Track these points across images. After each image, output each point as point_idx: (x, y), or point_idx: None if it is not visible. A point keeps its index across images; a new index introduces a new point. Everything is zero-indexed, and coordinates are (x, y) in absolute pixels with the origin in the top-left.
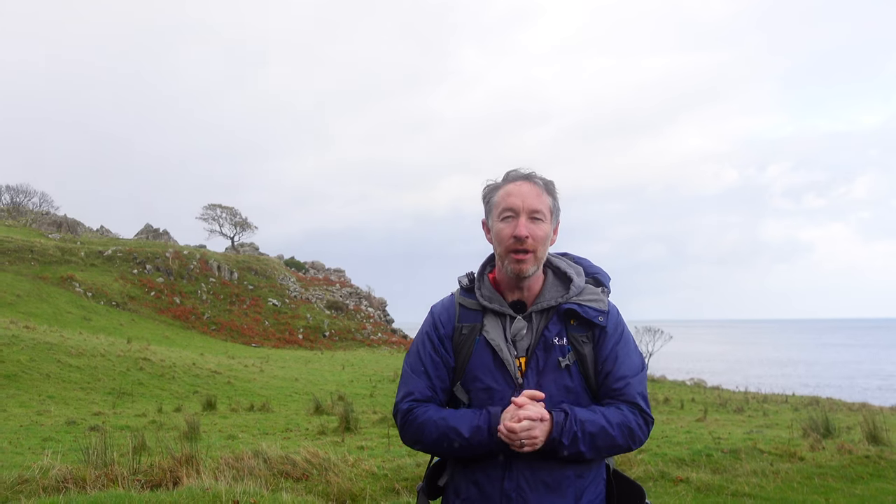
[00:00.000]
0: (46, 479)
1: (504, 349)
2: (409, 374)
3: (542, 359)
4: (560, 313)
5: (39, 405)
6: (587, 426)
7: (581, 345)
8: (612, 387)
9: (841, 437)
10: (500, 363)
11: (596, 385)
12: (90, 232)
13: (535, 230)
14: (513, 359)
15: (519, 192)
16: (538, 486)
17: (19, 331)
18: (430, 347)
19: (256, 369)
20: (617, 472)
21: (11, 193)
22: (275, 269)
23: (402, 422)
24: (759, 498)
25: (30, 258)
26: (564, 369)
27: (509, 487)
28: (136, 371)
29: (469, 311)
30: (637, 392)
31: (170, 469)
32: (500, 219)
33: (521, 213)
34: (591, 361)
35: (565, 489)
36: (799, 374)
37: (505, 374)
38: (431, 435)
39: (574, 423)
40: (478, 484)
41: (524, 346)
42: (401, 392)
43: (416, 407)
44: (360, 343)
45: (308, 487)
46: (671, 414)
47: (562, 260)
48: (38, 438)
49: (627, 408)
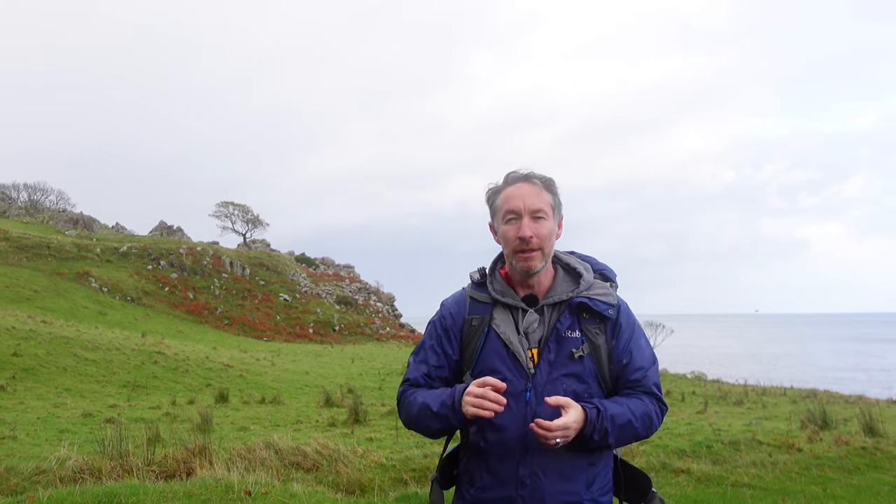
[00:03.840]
0: (63, 469)
1: (515, 341)
2: (413, 363)
3: (554, 350)
4: (572, 307)
5: (56, 398)
6: (617, 419)
7: (595, 336)
8: (631, 378)
9: (838, 429)
10: (511, 354)
11: (611, 376)
12: (106, 229)
13: (539, 229)
14: (524, 350)
15: (519, 193)
16: (552, 473)
17: (37, 325)
18: (434, 339)
19: (268, 363)
20: (623, 462)
21: (29, 191)
22: (286, 265)
23: (397, 403)
24: (759, 488)
25: (47, 254)
26: (578, 360)
27: (524, 474)
28: (151, 364)
29: (480, 303)
30: (653, 382)
31: (183, 460)
32: (505, 221)
33: (524, 214)
34: (606, 352)
35: (577, 476)
36: (797, 366)
37: (517, 364)
38: (413, 412)
39: (605, 419)
40: (492, 471)
41: (536, 339)
42: (403, 379)
43: (409, 391)
44: (368, 337)
45: (318, 478)
46: (672, 406)
47: (571, 257)
48: (55, 430)
49: (647, 398)
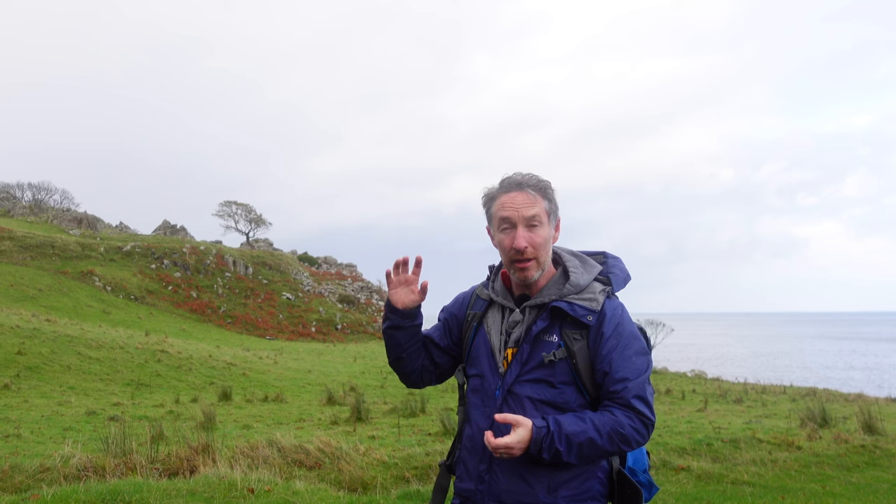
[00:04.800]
0: (67, 467)
1: (495, 338)
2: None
3: (527, 352)
4: (549, 310)
5: (60, 396)
6: (573, 439)
7: (573, 342)
8: (610, 389)
9: (837, 427)
10: (491, 352)
11: (593, 384)
12: (110, 228)
13: (534, 237)
14: (500, 349)
15: (513, 203)
16: (510, 472)
17: (41, 324)
18: (443, 319)
19: (271, 361)
20: (620, 472)
21: (33, 191)
22: (289, 264)
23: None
24: (758, 486)
25: (51, 253)
26: (548, 364)
27: (482, 469)
28: (154, 363)
29: (480, 300)
30: (634, 395)
31: (187, 458)
32: (500, 230)
33: (518, 224)
34: (584, 359)
35: (536, 480)
36: (796, 365)
37: (492, 362)
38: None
39: (559, 440)
40: (464, 464)
41: (515, 338)
42: None
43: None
44: (371, 336)
45: (321, 476)
46: (673, 404)
47: (572, 258)
48: (59, 428)
49: (622, 412)
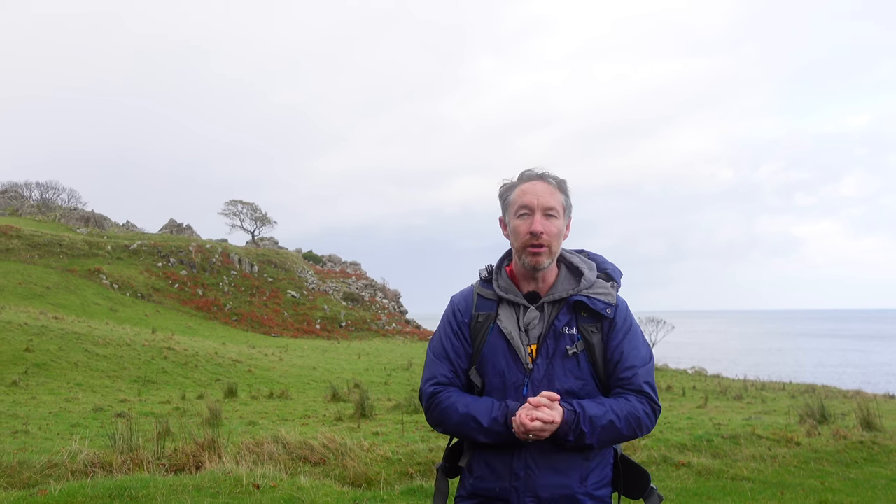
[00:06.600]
0: (75, 463)
1: (516, 336)
2: (433, 358)
3: (551, 346)
4: (570, 304)
5: (68, 392)
6: (596, 422)
7: (590, 335)
8: (621, 376)
9: (836, 424)
10: (511, 350)
11: (605, 374)
12: (116, 227)
13: (550, 226)
14: (524, 346)
15: (534, 190)
16: (545, 466)
17: (49, 321)
18: (451, 333)
19: (276, 358)
20: (624, 457)
21: (41, 190)
22: (293, 263)
23: (427, 404)
24: (758, 482)
25: (59, 252)
26: (572, 357)
27: (517, 466)
28: (161, 360)
29: (486, 300)
30: (644, 381)
31: (193, 454)
32: (517, 216)
33: (536, 211)
34: (600, 351)
35: (571, 471)
36: (794, 362)
37: (516, 360)
38: (453, 420)
39: (583, 421)
40: (489, 463)
41: (536, 335)
42: (425, 376)
43: (441, 391)
44: (375, 333)
45: (325, 471)
46: (673, 401)
47: (575, 256)
48: (66, 424)
49: (635, 397)
